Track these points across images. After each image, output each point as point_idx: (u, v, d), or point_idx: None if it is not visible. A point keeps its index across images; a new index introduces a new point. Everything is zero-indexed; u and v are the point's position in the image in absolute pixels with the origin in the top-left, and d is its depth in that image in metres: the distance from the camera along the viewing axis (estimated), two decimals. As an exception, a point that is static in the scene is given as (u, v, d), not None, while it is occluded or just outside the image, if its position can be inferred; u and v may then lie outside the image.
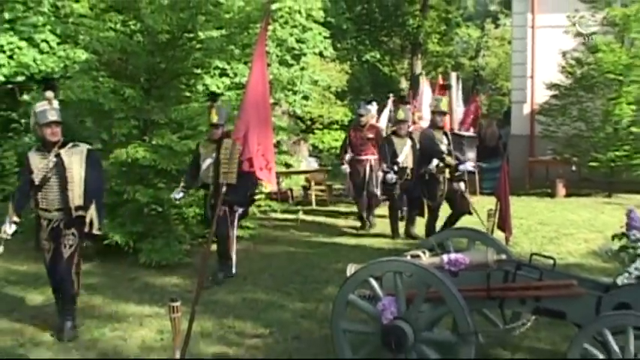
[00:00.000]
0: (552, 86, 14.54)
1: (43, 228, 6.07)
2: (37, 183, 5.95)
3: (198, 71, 10.20)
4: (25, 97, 10.32)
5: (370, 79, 25.89)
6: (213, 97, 8.16)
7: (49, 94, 5.89)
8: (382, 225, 10.76)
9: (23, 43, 10.43)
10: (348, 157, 10.85)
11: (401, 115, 9.84)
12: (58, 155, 5.94)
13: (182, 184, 8.11)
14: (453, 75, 15.62)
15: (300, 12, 14.53)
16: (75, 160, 5.95)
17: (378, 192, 10.60)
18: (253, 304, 7.00)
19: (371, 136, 10.75)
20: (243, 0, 10.97)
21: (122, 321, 6.50)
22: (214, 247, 8.12)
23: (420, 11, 27.25)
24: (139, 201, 8.55)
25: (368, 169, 10.65)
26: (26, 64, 10.34)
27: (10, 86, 10.41)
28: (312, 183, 13.63)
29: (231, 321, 6.45)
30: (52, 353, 5.75)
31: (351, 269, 5.12)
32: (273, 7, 12.71)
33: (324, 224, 11.42)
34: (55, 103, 5.96)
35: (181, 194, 8.09)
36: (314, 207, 13.07)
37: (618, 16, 13.37)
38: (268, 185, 8.08)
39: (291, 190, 13.40)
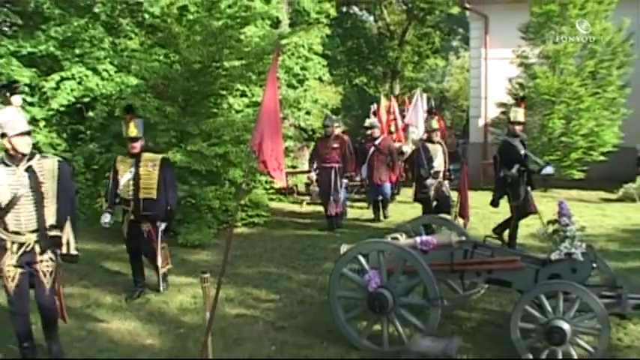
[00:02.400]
0: (501, 105, 14.56)
1: (9, 254, 4.28)
2: (3, 203, 4.18)
3: (224, 93, 10.17)
4: (90, 113, 10.33)
5: (359, 99, 25.85)
6: (129, 109, 6.34)
7: (17, 100, 4.45)
8: (361, 212, 11.12)
9: (89, 72, 10.43)
10: (315, 164, 9.87)
11: (434, 125, 8.83)
12: (29, 168, 4.26)
13: (107, 207, 6.28)
14: (418, 92, 15.46)
15: (303, 46, 14.51)
16: (47, 173, 4.31)
17: (342, 196, 9.80)
18: (267, 276, 7.00)
19: (336, 145, 9.72)
20: (258, 37, 10.96)
21: (165, 288, 6.50)
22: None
23: (398, 45, 27.19)
24: (177, 195, 8.52)
25: (333, 175, 9.65)
26: (91, 89, 10.34)
27: (78, 105, 10.45)
28: (313, 180, 13.51)
29: (249, 289, 6.45)
30: (112, 312, 5.76)
31: (343, 248, 5.13)
32: (283, 42, 12.68)
33: (322, 213, 11.40)
34: (21, 111, 4.47)
35: (108, 217, 6.14)
36: (314, 199, 13.02)
37: (551, 51, 13.48)
38: (279, 182, 7.73)
39: (296, 185, 13.31)
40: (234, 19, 9.37)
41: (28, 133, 4.28)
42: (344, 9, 25.07)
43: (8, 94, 4.47)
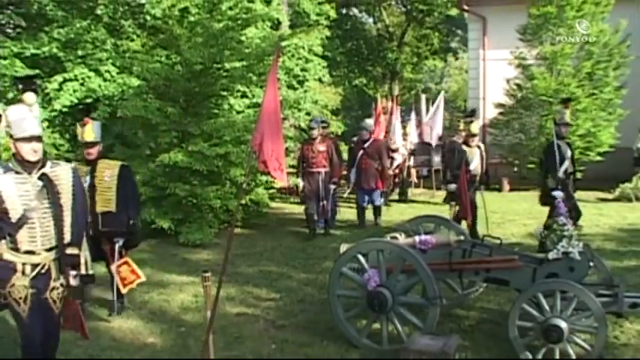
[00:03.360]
0: (499, 106, 14.60)
1: (19, 275, 3.54)
2: (15, 217, 3.46)
3: (225, 93, 10.17)
4: (92, 114, 10.32)
5: (358, 100, 25.88)
6: (86, 112, 5.58)
7: (31, 98, 3.53)
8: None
9: (91, 73, 10.45)
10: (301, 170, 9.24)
11: (474, 129, 8.54)
12: (43, 176, 3.56)
13: None
14: (423, 97, 15.53)
15: (303, 47, 14.51)
16: (63, 183, 3.64)
17: (329, 204, 9.13)
18: (267, 275, 6.99)
19: (322, 149, 9.05)
20: (259, 38, 10.98)
21: (166, 287, 6.50)
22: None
23: (397, 47, 27.19)
24: (178, 195, 8.54)
25: (320, 181, 8.99)
26: (93, 89, 10.36)
27: (81, 106, 10.47)
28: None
29: (250, 288, 6.45)
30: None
31: (343, 248, 5.12)
32: (283, 44, 12.69)
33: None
34: (36, 110, 3.59)
35: None
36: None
37: (548, 52, 13.50)
38: (280, 182, 7.07)
39: (296, 186, 13.35)
40: (235, 21, 9.38)
41: (37, 139, 3.50)
42: (344, 11, 25.08)
43: (21, 87, 3.59)
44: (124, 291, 5.53)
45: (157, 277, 6.89)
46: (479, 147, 8.59)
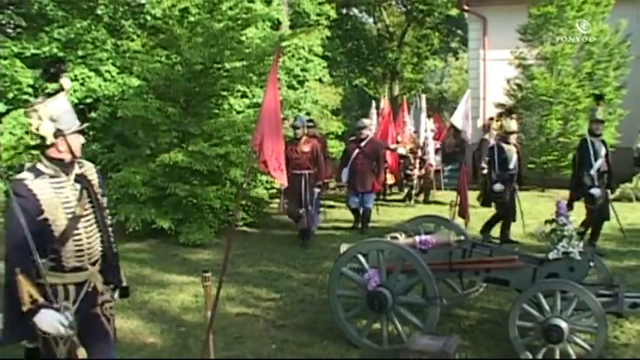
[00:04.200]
0: (499, 105, 14.55)
1: (63, 303, 2.89)
2: (59, 229, 2.89)
3: (225, 93, 10.17)
4: (93, 114, 10.33)
5: (358, 100, 25.87)
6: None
7: (67, 83, 2.98)
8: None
9: (92, 73, 10.45)
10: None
11: (513, 126, 8.27)
12: (81, 178, 3.06)
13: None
14: (423, 97, 15.45)
15: (303, 47, 14.51)
16: (95, 184, 3.14)
17: (314, 209, 8.56)
18: (267, 275, 6.99)
19: (307, 149, 8.47)
20: (259, 38, 10.98)
21: (166, 287, 6.50)
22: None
23: (397, 47, 27.19)
24: (178, 195, 8.53)
25: (303, 184, 8.34)
26: (93, 89, 10.37)
27: (81, 106, 10.48)
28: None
29: (250, 288, 6.45)
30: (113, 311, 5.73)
31: (343, 248, 5.12)
32: (283, 44, 12.68)
33: (322, 212, 11.39)
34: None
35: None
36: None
37: (549, 52, 13.50)
38: (280, 182, 7.08)
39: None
40: (235, 21, 9.39)
41: (82, 131, 3.07)
42: (344, 11, 25.08)
43: (53, 70, 2.95)
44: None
45: (157, 277, 6.89)
46: (515, 145, 8.32)
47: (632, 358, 4.53)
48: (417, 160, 12.19)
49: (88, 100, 10.46)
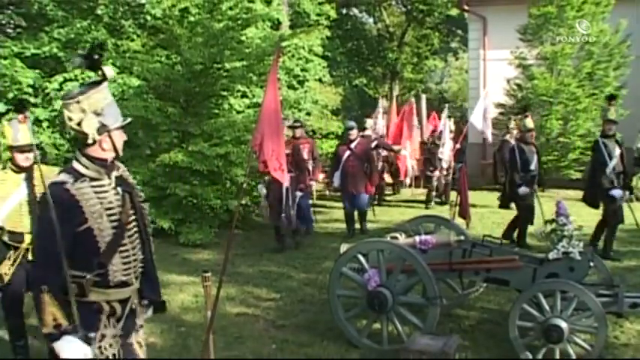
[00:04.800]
0: (499, 105, 14.57)
1: (108, 322, 2.57)
2: (105, 240, 2.53)
3: (225, 93, 10.18)
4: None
5: (358, 100, 25.87)
6: (22, 107, 3.98)
7: (110, 72, 2.60)
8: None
9: (92, 73, 10.43)
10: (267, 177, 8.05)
11: (528, 124, 7.99)
12: (121, 181, 2.69)
13: None
14: (423, 97, 15.38)
15: (303, 47, 14.53)
16: (136, 188, 2.81)
17: (294, 214, 8.07)
18: (267, 275, 6.99)
19: (287, 151, 6.76)
20: (259, 38, 10.98)
21: (166, 287, 6.48)
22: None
23: (397, 47, 27.19)
24: (178, 195, 8.54)
25: (284, 189, 7.83)
26: (93, 90, 10.37)
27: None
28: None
29: (250, 288, 6.45)
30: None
31: (343, 247, 5.12)
32: (283, 44, 12.68)
33: (322, 212, 11.41)
34: None
35: None
36: (315, 200, 12.99)
37: (549, 52, 13.50)
38: (281, 182, 6.37)
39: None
40: (235, 21, 9.39)
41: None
42: (344, 11, 25.08)
43: (96, 57, 2.55)
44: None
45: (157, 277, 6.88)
46: (534, 144, 8.09)
47: (632, 358, 4.53)
48: (438, 161, 11.85)
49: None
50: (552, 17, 13.37)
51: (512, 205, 8.59)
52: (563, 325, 4.14)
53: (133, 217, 2.67)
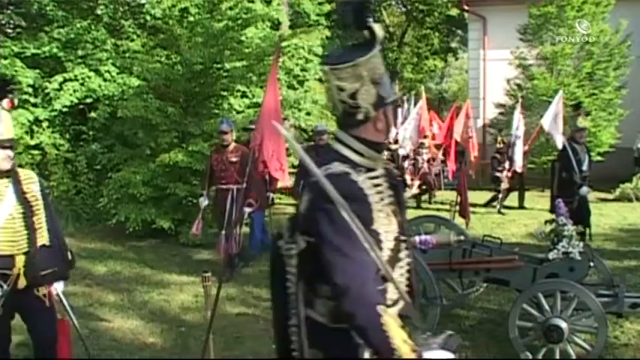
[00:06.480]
0: (499, 105, 14.59)
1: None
2: (388, 247, 1.98)
3: (225, 93, 10.17)
4: (93, 114, 10.33)
5: (358, 100, 25.90)
6: (4, 88, 3.45)
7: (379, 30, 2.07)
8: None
9: (92, 73, 10.43)
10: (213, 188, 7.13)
11: (579, 123, 7.54)
12: (387, 170, 2.21)
13: None
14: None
15: (303, 48, 14.51)
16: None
17: (239, 232, 6.66)
18: (267, 275, 6.94)
19: (235, 159, 6.83)
20: (259, 38, 10.96)
21: (166, 287, 6.50)
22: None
23: (397, 47, 27.24)
24: (178, 194, 8.53)
25: (230, 201, 6.73)
26: (93, 89, 10.36)
27: (81, 106, 10.46)
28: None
29: (250, 288, 6.45)
30: (114, 311, 5.75)
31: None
32: (283, 44, 12.68)
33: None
34: None
35: None
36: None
37: (549, 52, 13.51)
38: (281, 182, 6.47)
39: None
40: (235, 21, 9.38)
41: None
42: (344, 11, 25.06)
43: None
44: None
45: (157, 277, 6.89)
46: (585, 144, 7.74)
47: (632, 358, 4.53)
48: (507, 161, 11.21)
49: (88, 100, 10.44)
50: (552, 17, 13.38)
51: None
52: (563, 325, 4.14)
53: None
